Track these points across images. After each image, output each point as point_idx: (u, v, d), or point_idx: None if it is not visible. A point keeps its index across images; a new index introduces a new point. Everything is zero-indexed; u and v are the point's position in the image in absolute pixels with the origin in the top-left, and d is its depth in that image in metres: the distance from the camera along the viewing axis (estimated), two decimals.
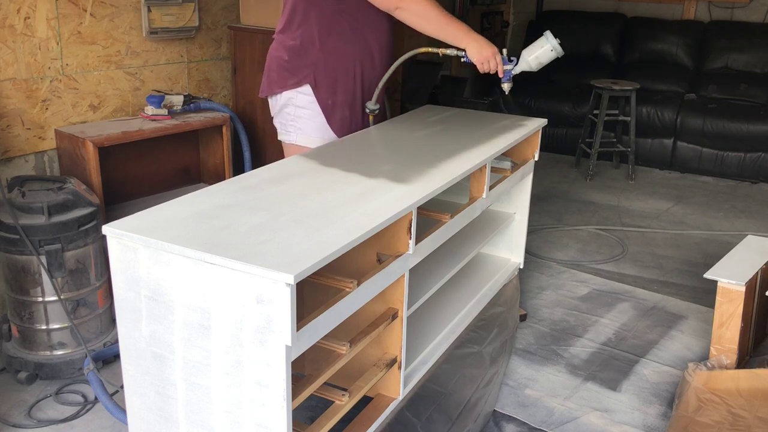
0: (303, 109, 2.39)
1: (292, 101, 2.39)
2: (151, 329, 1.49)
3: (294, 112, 2.40)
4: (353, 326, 1.77)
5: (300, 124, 2.41)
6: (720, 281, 2.48)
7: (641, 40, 6.02)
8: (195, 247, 1.37)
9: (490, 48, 2.30)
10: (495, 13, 6.74)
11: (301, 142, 2.42)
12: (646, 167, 5.44)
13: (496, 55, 2.31)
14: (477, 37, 2.30)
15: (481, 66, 2.33)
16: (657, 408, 2.44)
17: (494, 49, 2.31)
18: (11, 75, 2.72)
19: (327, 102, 2.37)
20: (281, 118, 2.45)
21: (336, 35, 2.32)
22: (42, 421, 2.28)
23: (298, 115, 2.40)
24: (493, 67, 2.33)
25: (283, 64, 2.38)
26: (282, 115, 2.44)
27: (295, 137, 2.43)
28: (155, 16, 3.19)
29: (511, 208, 2.80)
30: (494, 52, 2.30)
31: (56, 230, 2.35)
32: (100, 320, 2.56)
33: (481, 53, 2.29)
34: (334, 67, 2.34)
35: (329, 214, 1.59)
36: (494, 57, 2.31)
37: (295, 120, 2.41)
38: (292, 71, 2.36)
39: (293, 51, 2.35)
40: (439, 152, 2.15)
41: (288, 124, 2.43)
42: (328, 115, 2.38)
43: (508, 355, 2.65)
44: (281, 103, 2.43)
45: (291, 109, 2.41)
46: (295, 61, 2.35)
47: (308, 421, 1.89)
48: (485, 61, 2.31)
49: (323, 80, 2.35)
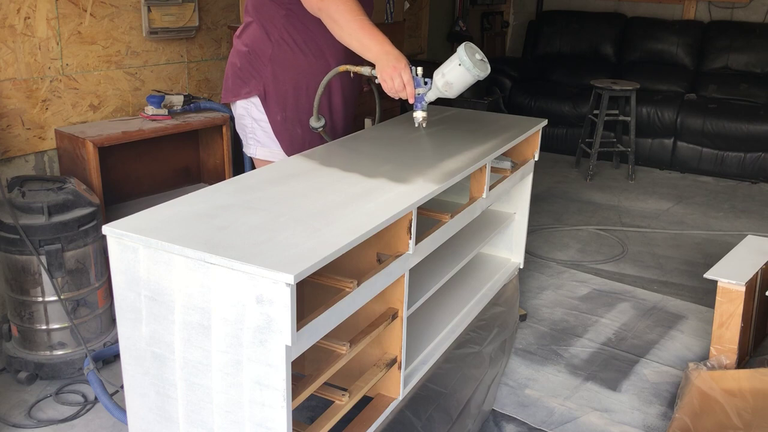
0: (259, 122, 2.21)
1: (248, 112, 2.22)
2: (151, 329, 1.49)
3: (251, 123, 2.23)
4: (353, 326, 1.77)
5: (258, 137, 2.23)
6: (720, 281, 2.48)
7: (641, 40, 6.02)
8: (195, 247, 1.37)
9: (397, 62, 1.86)
10: (495, 13, 6.75)
11: (262, 155, 2.24)
12: (646, 167, 5.44)
13: (402, 72, 1.86)
14: (389, 49, 1.89)
15: (385, 84, 1.90)
16: (657, 408, 2.44)
17: (401, 65, 1.87)
18: (11, 75, 2.72)
19: (276, 117, 2.18)
20: (240, 129, 2.29)
21: (288, 46, 2.13)
22: (42, 421, 2.28)
23: (255, 128, 2.23)
24: (398, 86, 1.88)
25: (236, 71, 2.21)
26: (240, 126, 2.28)
27: (254, 150, 2.26)
28: (155, 16, 3.19)
29: (511, 208, 2.80)
30: (400, 69, 1.86)
31: (56, 230, 2.35)
32: (100, 320, 2.56)
33: (385, 68, 1.87)
34: (285, 79, 2.15)
35: (329, 214, 1.59)
36: (399, 74, 1.86)
37: (254, 132, 2.24)
38: (244, 79, 2.19)
39: (245, 58, 2.18)
40: (439, 152, 2.15)
41: (247, 135, 2.27)
42: (277, 131, 2.19)
43: (508, 355, 2.66)
44: (239, 112, 2.26)
45: (247, 120, 2.24)
46: (247, 68, 2.18)
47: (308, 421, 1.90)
48: (389, 78, 1.87)
49: (273, 93, 2.16)
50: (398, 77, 1.88)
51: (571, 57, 6.24)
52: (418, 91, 1.91)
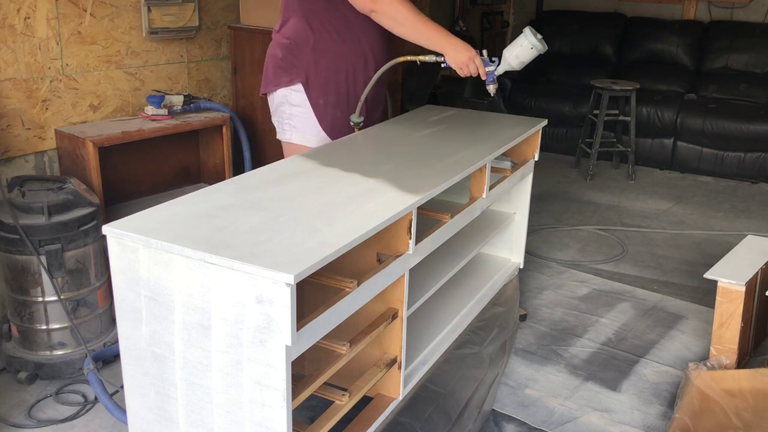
0: (297, 107, 2.38)
1: (287, 99, 2.39)
2: (151, 329, 1.49)
3: (289, 110, 2.40)
4: (353, 326, 1.77)
5: (295, 122, 2.40)
6: (720, 281, 2.48)
7: (641, 40, 6.02)
8: (195, 247, 1.37)
9: (468, 51, 2.22)
10: (495, 13, 6.75)
11: (297, 140, 2.42)
12: (646, 167, 5.44)
13: (474, 59, 2.22)
14: (455, 40, 2.22)
15: (461, 70, 2.24)
16: (657, 408, 2.44)
17: (472, 53, 2.22)
18: (11, 75, 2.72)
19: (318, 101, 2.36)
20: (277, 116, 2.46)
21: (329, 34, 2.31)
22: (42, 421, 2.28)
23: (293, 114, 2.39)
24: (473, 70, 2.24)
25: (277, 62, 2.38)
26: (278, 113, 2.45)
27: (290, 135, 2.43)
28: (155, 16, 3.19)
29: (511, 208, 2.80)
30: (472, 56, 2.21)
31: (56, 230, 2.35)
32: (100, 320, 2.56)
33: (459, 57, 2.21)
34: (326, 66, 2.33)
35: (329, 214, 1.59)
36: (472, 60, 2.22)
37: (291, 118, 2.40)
38: (286, 69, 2.36)
39: (287, 49, 2.35)
40: (439, 152, 2.15)
41: (284, 122, 2.43)
42: (319, 114, 2.37)
43: (508, 355, 2.65)
44: (277, 101, 2.43)
45: (286, 107, 2.40)
46: (289, 59, 2.35)
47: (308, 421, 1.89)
48: (464, 65, 2.22)
49: (315, 79, 2.34)
50: (472, 63, 2.22)
51: (571, 57, 6.24)
52: (488, 69, 2.28)
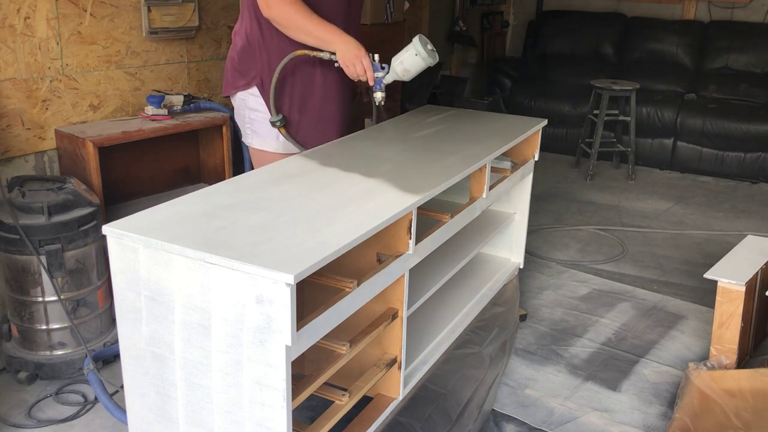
0: (255, 111, 2.31)
1: (245, 103, 2.32)
2: (151, 329, 1.49)
3: (249, 114, 2.33)
4: (353, 326, 1.77)
5: (256, 127, 2.33)
6: (720, 281, 2.48)
7: (641, 40, 6.02)
8: (195, 247, 1.37)
9: (358, 50, 2.12)
10: (495, 13, 6.75)
11: (258, 145, 2.35)
12: (646, 167, 5.44)
13: (362, 59, 2.12)
14: (347, 38, 2.13)
15: (347, 69, 2.15)
16: (657, 408, 2.44)
17: (361, 52, 2.12)
18: (11, 75, 2.72)
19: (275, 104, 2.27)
20: (239, 120, 2.39)
21: (277, 32, 2.21)
22: (42, 421, 2.28)
23: (253, 118, 2.32)
24: (360, 70, 2.14)
25: (234, 64, 2.32)
26: (239, 117, 2.38)
27: (251, 140, 2.36)
28: (155, 16, 3.19)
29: (511, 208, 2.80)
30: (360, 55, 2.11)
31: (56, 230, 2.35)
32: (100, 320, 2.56)
33: (347, 55, 2.11)
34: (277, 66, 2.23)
35: (329, 214, 1.59)
36: (360, 60, 2.11)
37: (251, 123, 2.33)
38: (242, 72, 2.29)
39: (241, 50, 2.29)
40: (439, 152, 2.15)
41: (245, 126, 2.36)
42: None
43: (508, 355, 2.65)
44: (237, 104, 2.36)
45: (245, 111, 2.33)
46: (244, 61, 2.28)
47: (308, 421, 1.89)
48: (350, 63, 2.12)
49: (269, 81, 2.24)
50: (359, 63, 2.12)
51: (571, 57, 6.24)
52: (376, 75, 2.16)
